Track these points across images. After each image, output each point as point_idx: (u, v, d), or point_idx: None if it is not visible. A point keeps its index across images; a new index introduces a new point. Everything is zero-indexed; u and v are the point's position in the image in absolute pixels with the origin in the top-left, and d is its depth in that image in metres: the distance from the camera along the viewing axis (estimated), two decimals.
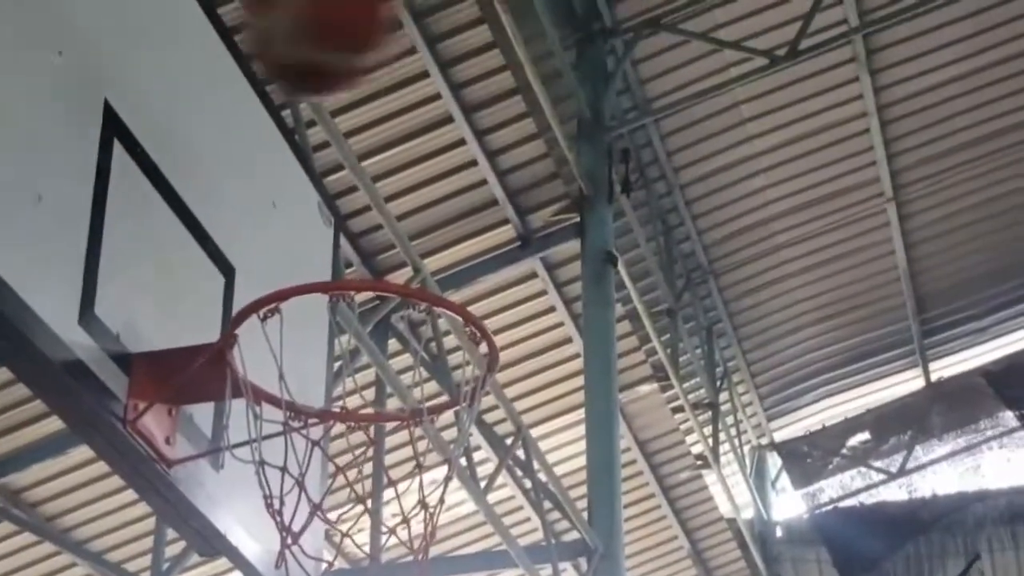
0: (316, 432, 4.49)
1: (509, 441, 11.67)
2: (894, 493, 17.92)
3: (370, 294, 11.36)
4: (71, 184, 4.32)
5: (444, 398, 10.14)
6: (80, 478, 12.03)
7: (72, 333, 4.22)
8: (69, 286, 4.26)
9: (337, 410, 4.73)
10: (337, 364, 10.27)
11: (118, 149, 4.54)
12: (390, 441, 10.08)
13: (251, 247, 5.31)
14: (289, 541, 4.37)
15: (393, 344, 11.72)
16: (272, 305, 4.32)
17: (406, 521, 4.60)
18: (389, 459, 10.30)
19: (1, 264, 3.92)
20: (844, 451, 17.89)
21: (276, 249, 5.56)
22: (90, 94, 4.47)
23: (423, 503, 4.45)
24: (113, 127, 4.52)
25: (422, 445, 5.69)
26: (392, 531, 4.51)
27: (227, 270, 5.10)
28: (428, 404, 4.71)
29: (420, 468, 4.42)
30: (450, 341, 11.51)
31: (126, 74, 4.69)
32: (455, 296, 11.92)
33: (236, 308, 4.83)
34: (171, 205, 4.82)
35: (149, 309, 4.65)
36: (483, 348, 4.56)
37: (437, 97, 10.76)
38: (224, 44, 5.52)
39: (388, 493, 6.62)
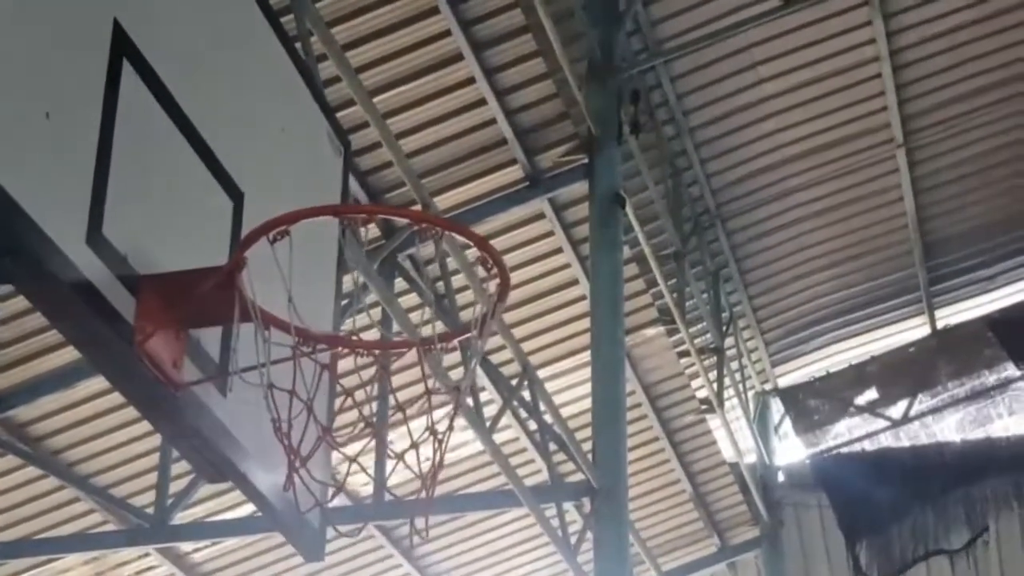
0: (324, 357, 4.46)
1: (515, 382, 11.65)
2: (897, 442, 17.87)
3: (376, 232, 11.40)
4: (80, 103, 4.29)
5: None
6: (85, 412, 12.01)
7: (80, 253, 4.19)
8: (77, 206, 4.23)
9: (345, 336, 4.69)
10: (344, 301, 10.32)
11: (127, 69, 4.49)
12: (397, 380, 10.05)
13: (261, 172, 5.28)
14: (297, 464, 4.35)
15: (399, 284, 11.67)
16: (282, 227, 4.29)
17: (415, 447, 4.59)
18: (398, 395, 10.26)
19: (9, 183, 3.89)
20: (849, 400, 17.83)
21: (286, 175, 5.53)
22: (99, 12, 4.42)
23: (431, 430, 4.43)
24: (122, 46, 4.48)
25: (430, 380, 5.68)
26: (399, 457, 4.50)
27: (236, 194, 5.07)
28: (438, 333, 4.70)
29: (428, 395, 4.40)
30: (457, 280, 11.49)
31: None
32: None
33: (245, 232, 4.81)
34: (180, 127, 4.79)
35: (158, 231, 4.63)
36: (493, 278, 4.53)
37: (447, 34, 10.65)
38: None
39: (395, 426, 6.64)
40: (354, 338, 4.66)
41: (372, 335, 7.46)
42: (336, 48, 8.58)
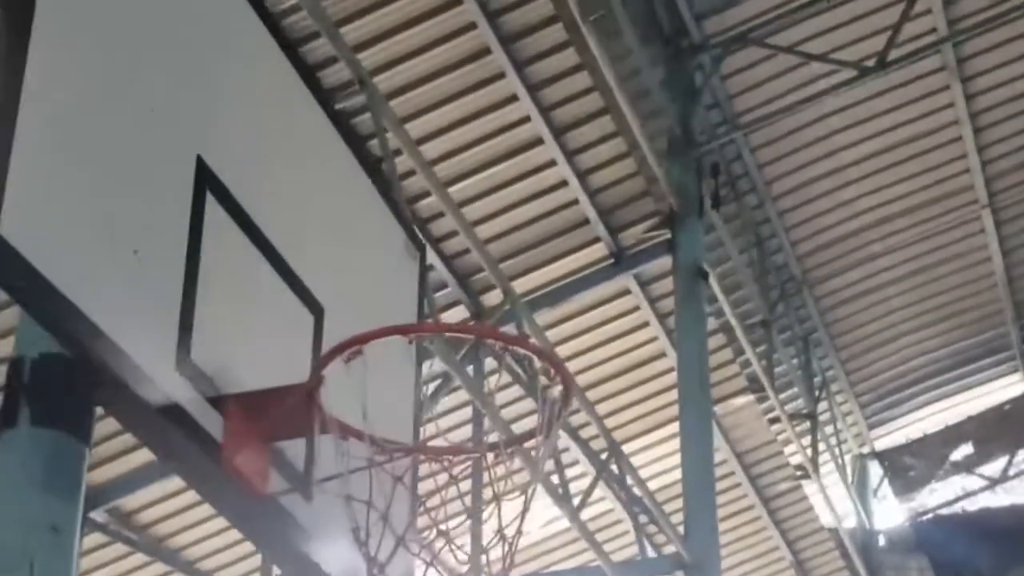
0: (401, 467, 4.72)
1: (604, 456, 11.85)
2: (996, 501, 17.86)
3: (466, 313, 11.71)
4: (166, 237, 4.60)
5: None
6: (188, 499, 12.34)
7: (170, 378, 4.49)
8: (166, 334, 4.53)
9: (417, 445, 4.95)
10: (432, 385, 10.58)
11: (210, 201, 4.80)
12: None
13: (340, 285, 5.57)
14: (376, 572, 4.60)
15: (490, 362, 11.92)
16: (355, 348, 4.56)
17: (503, 539, 4.79)
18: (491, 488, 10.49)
19: (102, 318, 4.20)
20: (946, 461, 17.84)
21: (363, 286, 5.82)
22: (183, 150, 4.74)
23: (501, 533, 4.66)
24: (205, 181, 4.79)
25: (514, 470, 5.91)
26: (470, 558, 4.73)
27: (316, 309, 5.36)
28: (505, 438, 4.94)
29: (497, 500, 4.63)
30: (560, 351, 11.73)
31: (216, 130, 4.96)
32: (549, 315, 12.14)
33: (326, 345, 5.10)
34: (261, 249, 5.09)
35: (243, 351, 4.92)
36: (556, 384, 4.77)
37: (527, 120, 10.96)
38: (305, 85, 5.78)
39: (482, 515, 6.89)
40: (423, 445, 4.90)
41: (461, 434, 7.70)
42: (411, 144, 8.89)
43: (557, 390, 4.84)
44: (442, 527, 4.72)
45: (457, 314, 11.64)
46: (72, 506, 4.89)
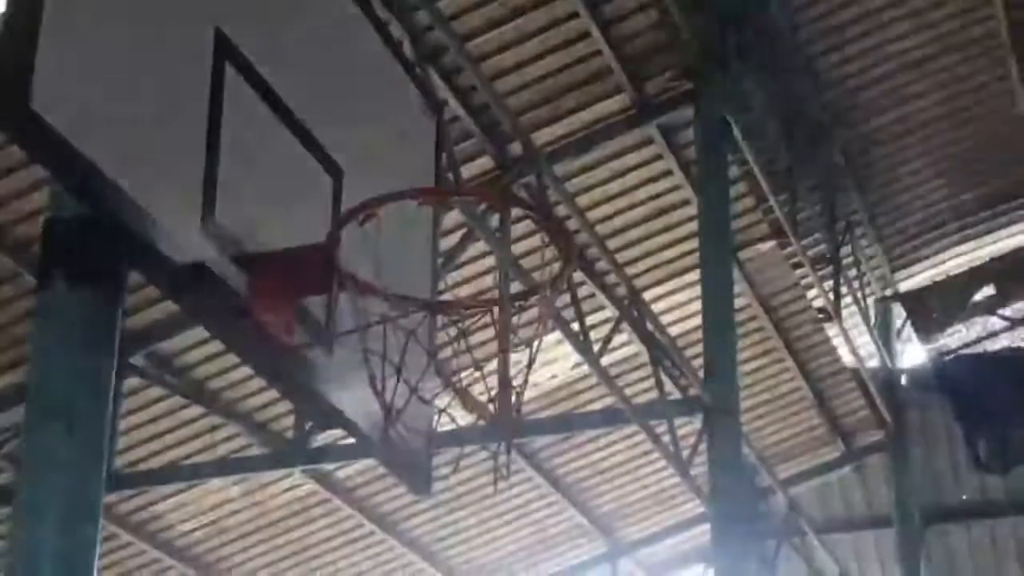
0: (413, 322, 5.02)
1: (626, 303, 12.13)
2: (1018, 341, 18.13)
3: (491, 163, 11.93)
4: (188, 105, 4.86)
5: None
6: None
7: (195, 239, 4.78)
8: (191, 197, 4.81)
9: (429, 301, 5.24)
10: (458, 235, 10.83)
11: (229, 70, 5.05)
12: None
13: (357, 148, 5.81)
14: (392, 418, 4.93)
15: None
16: (368, 211, 4.83)
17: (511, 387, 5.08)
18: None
19: (128, 181, 4.48)
20: (969, 302, 18.04)
21: (381, 148, 6.07)
22: (201, 22, 4.98)
23: (508, 380, 4.93)
24: (224, 50, 5.03)
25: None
26: (487, 402, 4.99)
27: (336, 172, 5.62)
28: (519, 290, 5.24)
29: (505, 353, 4.90)
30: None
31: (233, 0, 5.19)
32: (572, 164, 12.35)
33: (345, 206, 5.38)
34: (280, 116, 5.34)
35: (264, 212, 5.20)
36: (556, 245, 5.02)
37: None
38: None
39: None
40: (440, 300, 5.19)
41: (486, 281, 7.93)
42: None
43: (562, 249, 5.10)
44: (455, 379, 5.02)
45: (482, 164, 11.87)
46: (107, 356, 5.23)
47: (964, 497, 18.28)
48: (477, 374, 5.12)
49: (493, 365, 4.98)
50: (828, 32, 14.48)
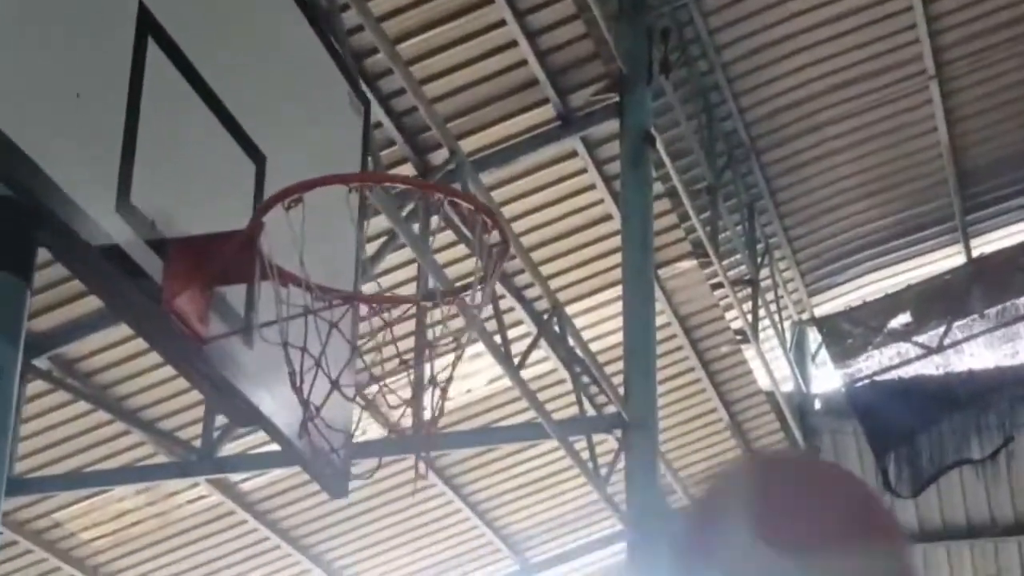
0: (336, 315, 4.81)
1: (547, 316, 11.99)
2: (931, 371, 18.20)
3: (412, 171, 11.75)
4: (108, 80, 4.64)
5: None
6: (133, 348, 12.40)
7: (110, 220, 4.55)
8: (106, 177, 4.58)
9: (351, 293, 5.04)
10: (379, 243, 10.64)
11: (152, 46, 4.83)
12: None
13: (283, 135, 5.62)
14: (311, 414, 4.72)
15: (436, 220, 11.98)
16: (295, 196, 4.63)
17: (436, 386, 4.90)
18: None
19: (43, 158, 4.25)
20: (884, 328, 18.13)
21: (306, 137, 5.87)
22: None
23: (432, 380, 4.76)
24: (147, 25, 4.81)
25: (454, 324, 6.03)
26: (407, 404, 4.84)
27: (259, 158, 5.41)
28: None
29: (430, 348, 4.74)
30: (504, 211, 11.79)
31: None
32: (496, 174, 12.20)
33: (267, 194, 5.17)
34: (203, 97, 5.13)
35: (184, 197, 4.99)
36: (491, 234, 4.85)
37: None
38: None
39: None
40: (360, 294, 4.99)
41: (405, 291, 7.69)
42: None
43: (495, 240, 4.93)
44: (377, 374, 4.82)
45: (404, 172, 11.67)
46: (13, 347, 4.96)
47: None
48: (394, 381, 4.96)
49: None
50: (750, 53, 14.46)
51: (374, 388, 4.90)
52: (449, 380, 4.81)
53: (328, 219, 5.27)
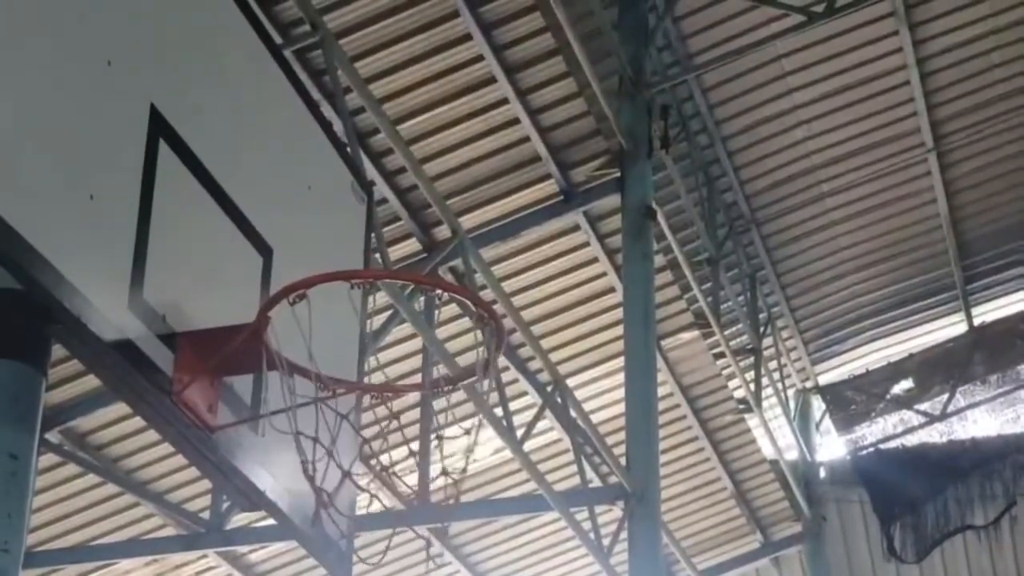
0: (345, 404, 4.98)
1: (550, 389, 12.15)
2: (934, 439, 18.35)
3: (417, 247, 11.96)
4: (120, 182, 4.83)
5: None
6: (142, 422, 12.50)
7: (122, 316, 4.73)
8: (119, 274, 4.77)
9: (358, 383, 5.21)
10: (382, 317, 10.81)
11: (163, 147, 5.03)
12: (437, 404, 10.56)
13: (288, 227, 5.80)
14: (326, 501, 4.87)
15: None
16: (299, 291, 4.81)
17: (446, 473, 5.07)
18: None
19: (58, 258, 4.43)
20: (888, 396, 18.29)
21: (312, 228, 6.06)
22: (137, 99, 4.96)
23: (444, 467, 4.92)
24: (159, 127, 5.01)
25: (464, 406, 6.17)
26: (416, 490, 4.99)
27: (265, 251, 5.59)
28: (447, 374, 5.21)
29: (439, 436, 4.89)
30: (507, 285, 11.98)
31: (170, 78, 5.17)
32: (499, 249, 12.40)
33: (275, 285, 5.36)
34: (212, 194, 5.32)
35: (194, 291, 5.16)
36: (487, 326, 5.02)
37: (480, 59, 11.16)
38: (258, 37, 6.00)
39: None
40: (367, 384, 5.15)
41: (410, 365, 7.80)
42: (359, 80, 9.14)
43: (490, 332, 5.09)
44: (384, 461, 4.98)
45: (408, 247, 11.90)
46: (29, 434, 5.12)
47: None
48: (402, 459, 5.10)
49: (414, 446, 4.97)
50: (750, 127, 14.73)
51: (384, 465, 5.05)
52: (464, 467, 4.97)
53: (332, 309, 5.44)
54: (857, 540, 18.12)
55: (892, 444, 18.36)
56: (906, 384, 18.33)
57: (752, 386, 15.54)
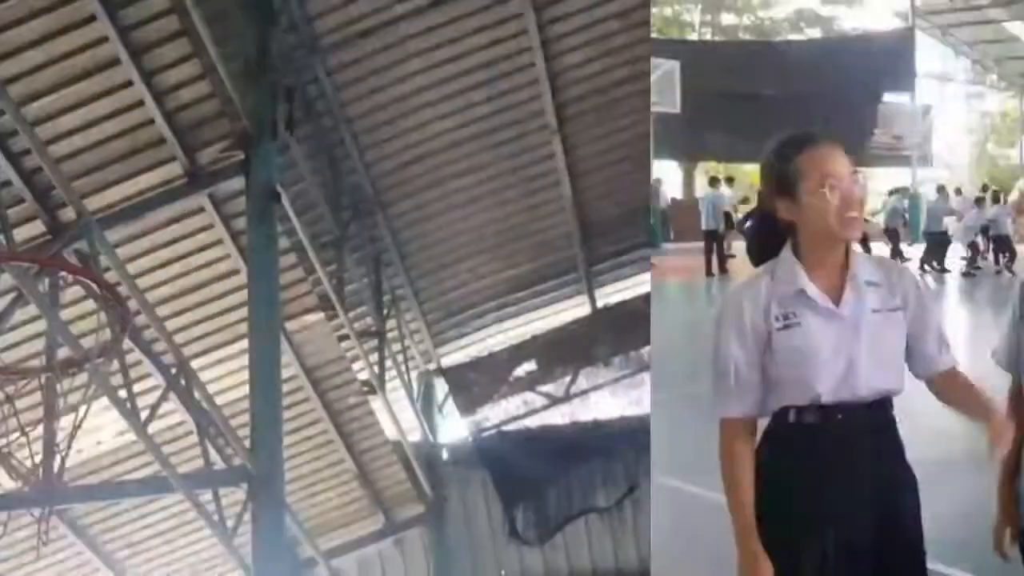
0: None
1: (174, 371, 13.23)
2: (558, 420, 20.00)
3: (42, 228, 12.86)
4: None
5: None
6: None
7: None
8: None
9: None
10: (7, 299, 11.75)
11: None
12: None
13: None
14: None
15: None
16: None
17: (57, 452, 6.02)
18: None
19: None
20: (511, 378, 19.88)
21: None
22: None
23: (55, 445, 5.91)
24: None
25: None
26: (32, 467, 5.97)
27: None
28: (70, 356, 6.23)
29: (54, 419, 5.88)
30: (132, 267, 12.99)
31: None
32: (123, 231, 13.39)
33: None
34: None
35: None
36: (112, 309, 6.07)
37: (104, 40, 12.12)
38: None
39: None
40: None
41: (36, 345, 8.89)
42: None
43: (116, 316, 6.13)
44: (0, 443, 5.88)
45: (33, 229, 12.76)
46: None
47: (503, 572, 19.96)
48: (22, 439, 5.87)
49: (39, 430, 5.74)
50: (375, 109, 16.04)
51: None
52: (71, 439, 5.88)
53: None
54: (479, 522, 19.59)
55: (516, 426, 19.91)
56: (529, 366, 19.93)
57: (376, 368, 16.93)
